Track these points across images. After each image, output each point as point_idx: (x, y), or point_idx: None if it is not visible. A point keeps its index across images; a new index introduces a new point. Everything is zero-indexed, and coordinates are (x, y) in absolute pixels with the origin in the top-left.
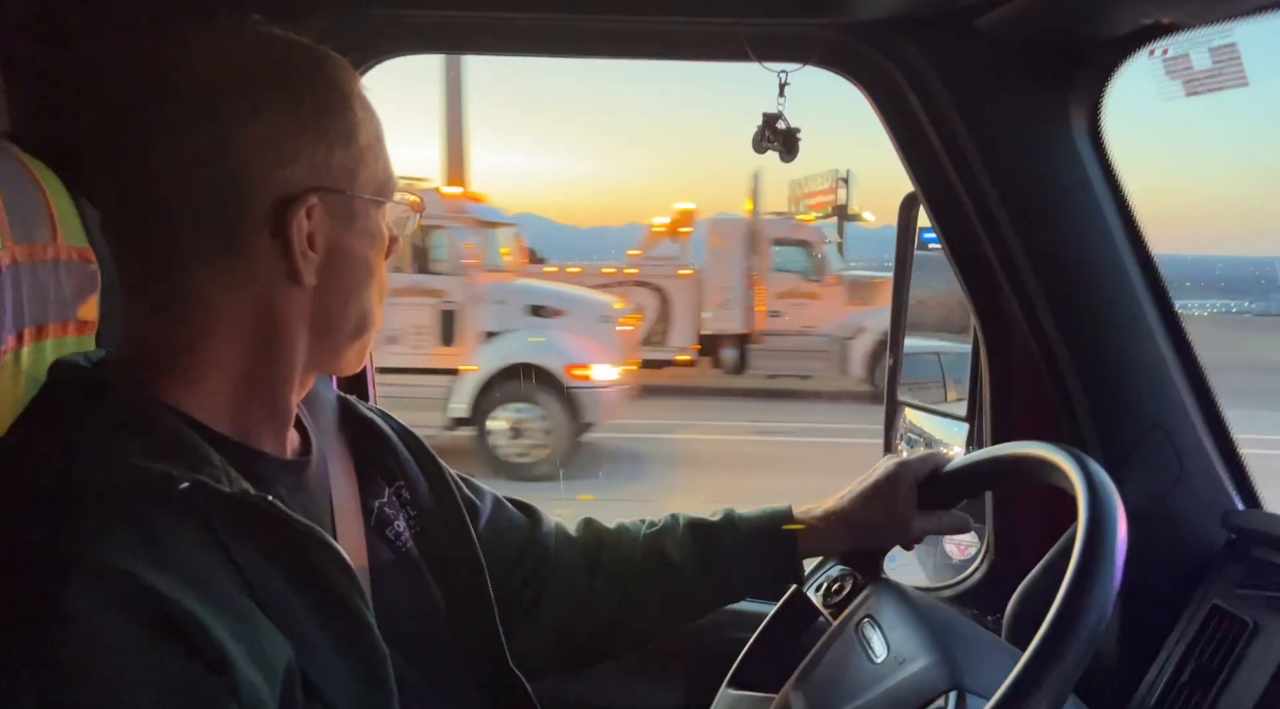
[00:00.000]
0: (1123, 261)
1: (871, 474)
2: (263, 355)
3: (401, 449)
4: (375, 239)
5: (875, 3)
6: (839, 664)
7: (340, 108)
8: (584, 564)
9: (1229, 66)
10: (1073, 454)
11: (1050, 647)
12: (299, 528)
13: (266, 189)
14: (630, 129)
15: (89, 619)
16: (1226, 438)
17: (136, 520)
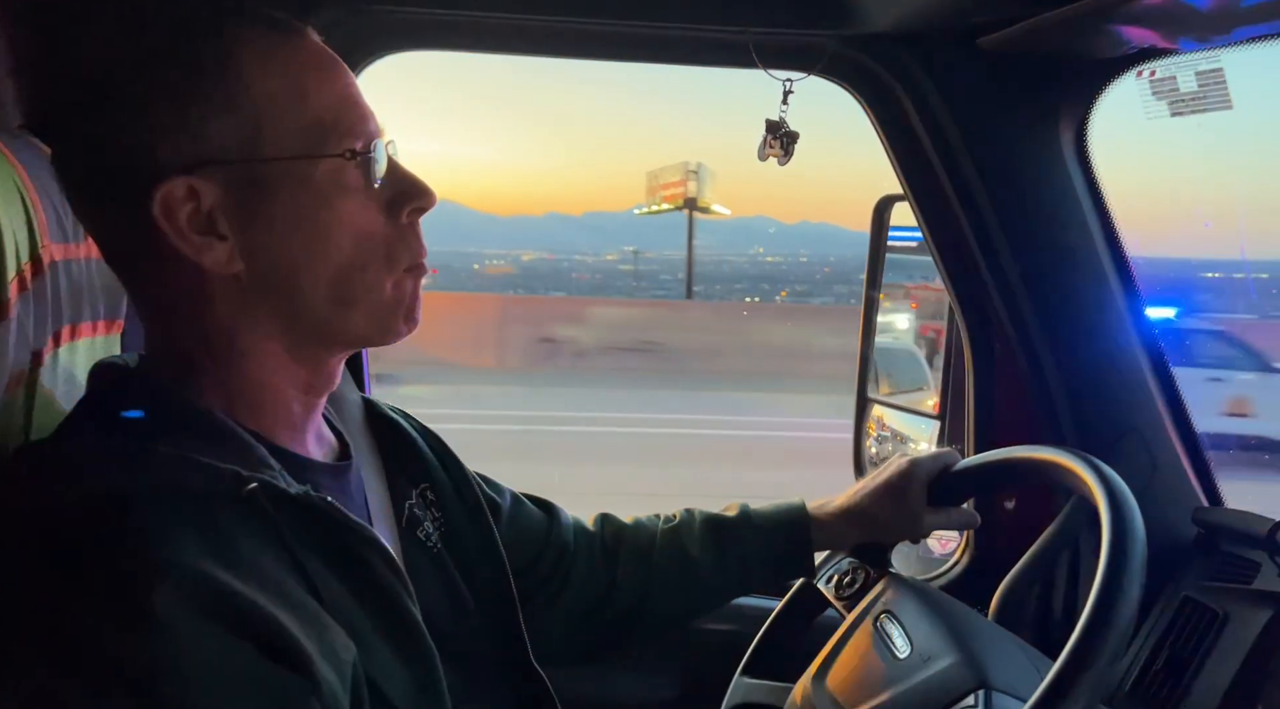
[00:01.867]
0: (1103, 270)
1: (885, 470)
2: (235, 352)
3: (426, 450)
4: (329, 199)
5: (881, 17)
6: (860, 658)
7: (217, 72)
8: (603, 558)
9: (1214, 90)
10: (1090, 462)
11: (1084, 650)
12: (355, 529)
13: (135, 174)
14: (556, 122)
15: (178, 623)
16: (1193, 438)
17: (210, 522)
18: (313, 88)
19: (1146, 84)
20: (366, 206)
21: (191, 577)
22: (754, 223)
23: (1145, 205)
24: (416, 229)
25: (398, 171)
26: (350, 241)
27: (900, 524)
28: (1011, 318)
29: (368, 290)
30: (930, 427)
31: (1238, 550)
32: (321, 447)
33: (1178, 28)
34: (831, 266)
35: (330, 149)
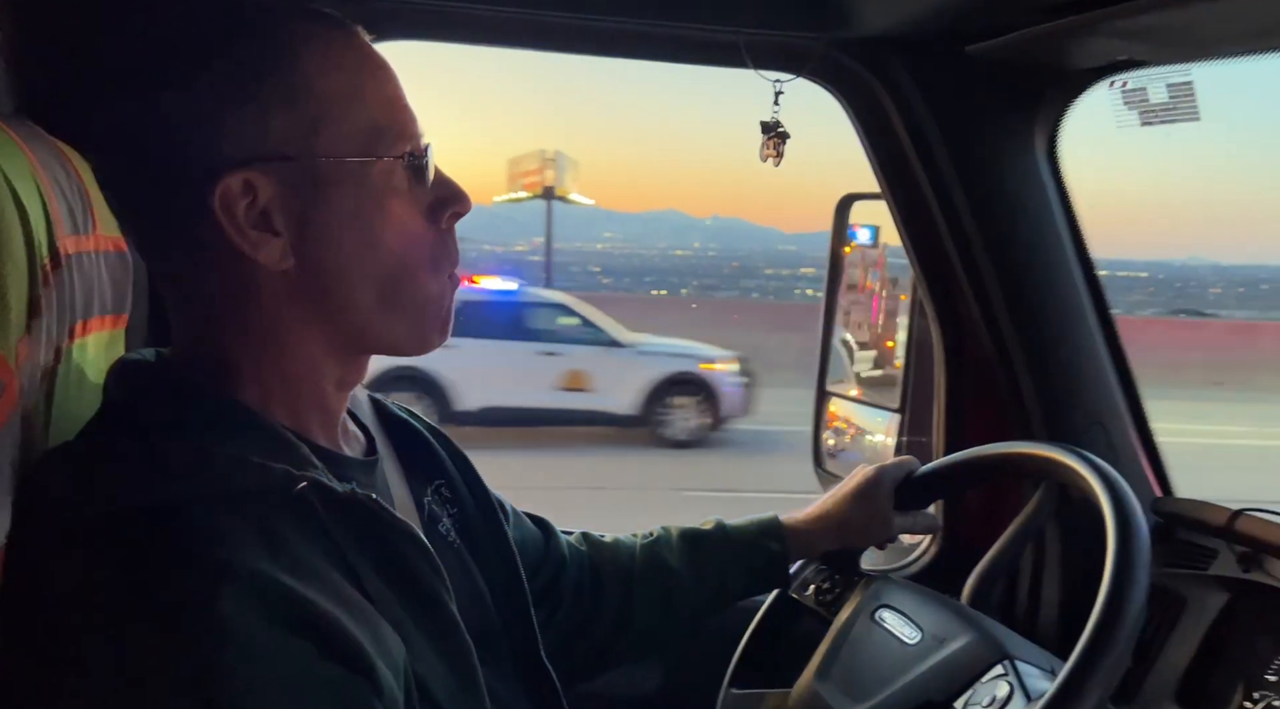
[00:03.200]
0: (1070, 270)
1: (853, 478)
2: (275, 348)
3: (437, 447)
4: (382, 201)
5: (871, 22)
6: (867, 651)
7: (278, 68)
8: (590, 576)
9: (1183, 102)
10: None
11: (1103, 635)
12: (399, 526)
13: (195, 168)
14: (469, 103)
15: (244, 627)
16: (1148, 432)
17: (263, 521)
18: (369, 88)
19: (1119, 94)
20: (412, 209)
21: (255, 580)
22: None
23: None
24: (454, 234)
25: (440, 176)
26: (399, 243)
27: (871, 528)
28: (984, 315)
29: (413, 295)
30: (889, 419)
31: (1195, 538)
32: (349, 443)
33: (1157, 44)
34: (740, 261)
35: (385, 151)
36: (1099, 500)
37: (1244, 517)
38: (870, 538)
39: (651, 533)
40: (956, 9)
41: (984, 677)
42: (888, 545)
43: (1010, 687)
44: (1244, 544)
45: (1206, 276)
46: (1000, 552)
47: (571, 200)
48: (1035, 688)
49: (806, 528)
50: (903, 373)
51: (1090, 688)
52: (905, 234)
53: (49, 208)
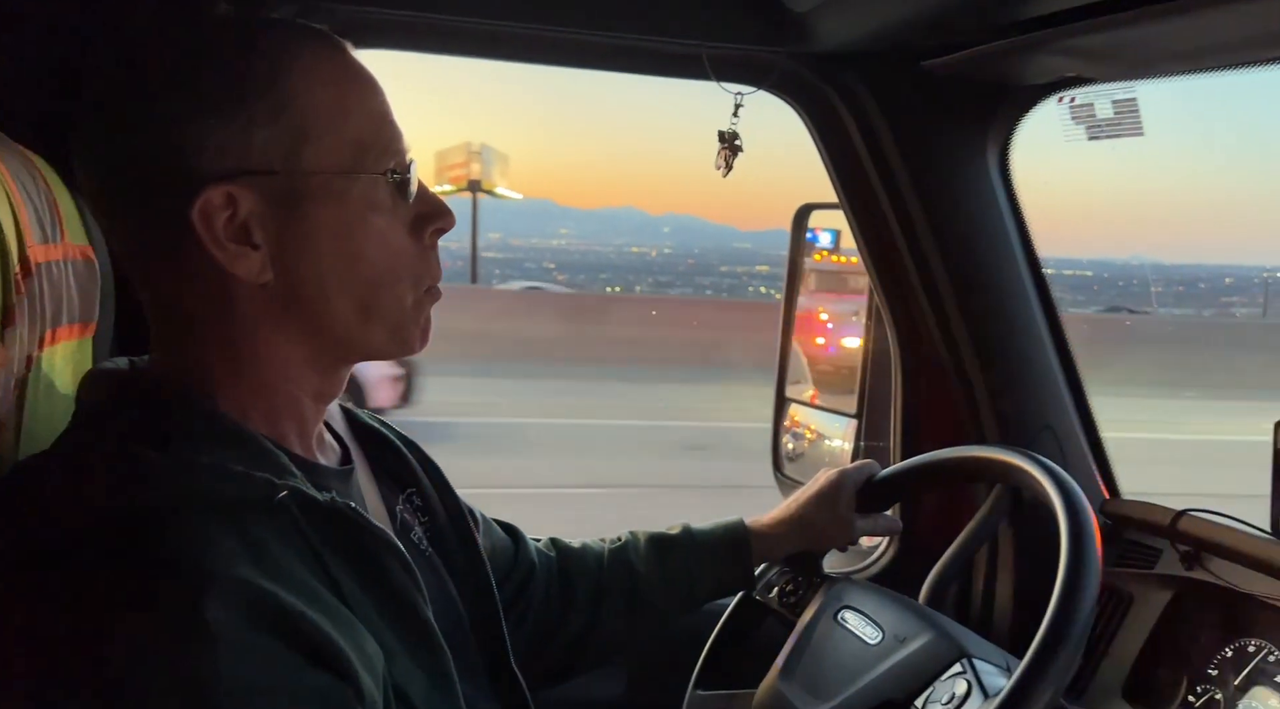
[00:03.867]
0: (1021, 276)
1: (815, 482)
2: (253, 360)
3: (408, 456)
4: (364, 216)
5: (832, 37)
6: (830, 651)
7: (263, 82)
8: (558, 581)
9: (1128, 117)
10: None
11: (1057, 633)
12: (377, 535)
13: (177, 181)
14: (418, 95)
15: (228, 633)
16: (1096, 435)
17: (245, 530)
18: (354, 104)
19: (1067, 109)
20: (394, 225)
21: (240, 587)
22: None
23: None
24: (436, 250)
25: (423, 192)
26: (381, 258)
27: (833, 531)
28: (938, 322)
29: (393, 307)
30: (847, 424)
31: (1141, 538)
32: (325, 452)
33: (1104, 62)
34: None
35: (369, 166)
36: (1052, 502)
37: (1186, 517)
38: (833, 540)
39: (619, 538)
40: (913, 26)
41: (943, 675)
42: (849, 548)
43: (969, 684)
44: (1186, 543)
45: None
46: (956, 553)
47: (498, 194)
48: (992, 685)
49: (771, 531)
50: (860, 379)
51: (1044, 684)
52: (862, 243)
53: (18, 217)
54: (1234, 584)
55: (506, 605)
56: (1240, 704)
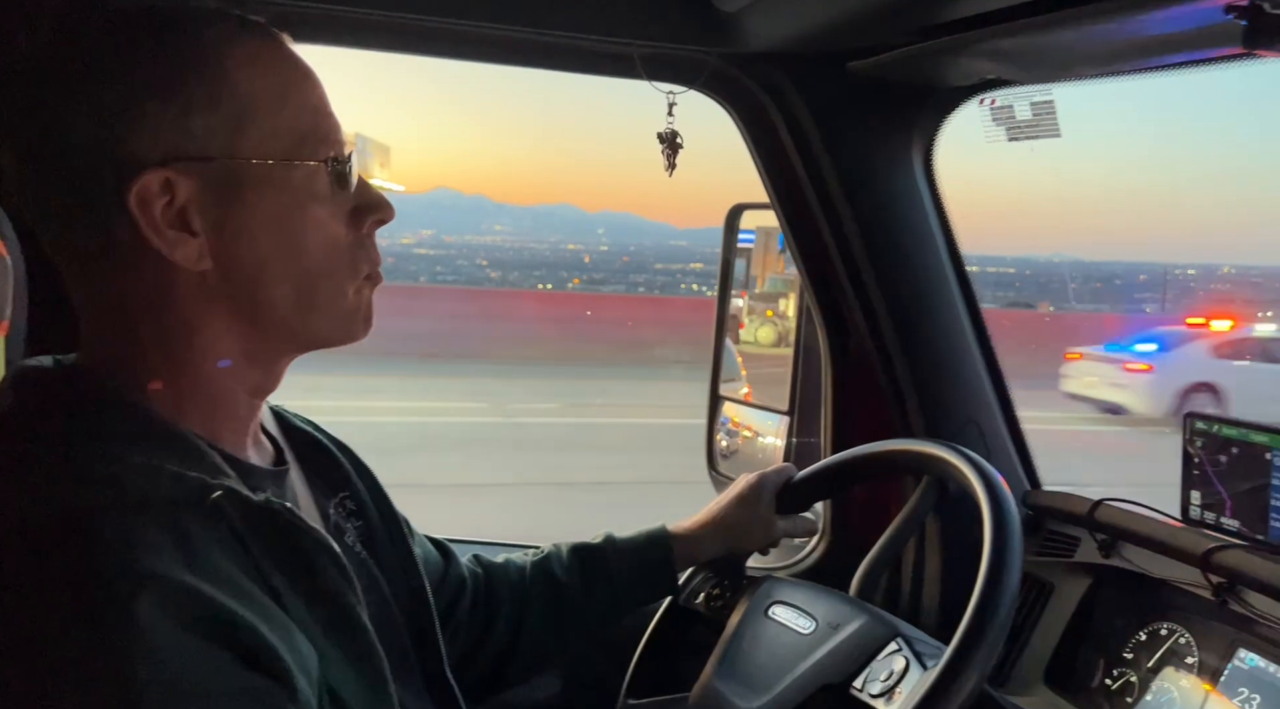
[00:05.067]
0: (945, 274)
1: (736, 486)
2: (190, 352)
3: (342, 459)
4: (303, 205)
5: (760, 38)
6: (764, 646)
7: (202, 70)
8: (484, 597)
9: (1046, 119)
10: (961, 452)
11: (986, 611)
12: (313, 536)
13: (109, 166)
14: (349, 91)
15: (161, 634)
16: (1018, 429)
17: (178, 530)
18: (294, 94)
19: (988, 111)
20: (333, 214)
21: (172, 587)
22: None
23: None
24: (374, 239)
25: (362, 184)
26: (319, 247)
27: (754, 532)
28: (866, 320)
29: (332, 296)
30: (779, 421)
31: (1061, 528)
32: (259, 452)
33: (1023, 64)
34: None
35: (307, 155)
36: (975, 493)
37: (1103, 506)
38: (754, 542)
39: (542, 549)
40: (838, 28)
41: (880, 654)
42: (770, 550)
43: (907, 660)
44: (1104, 532)
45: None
46: (884, 546)
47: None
48: (930, 659)
49: (692, 535)
50: (791, 376)
51: (972, 666)
52: (793, 242)
53: None
54: (1148, 570)
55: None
56: (1153, 685)
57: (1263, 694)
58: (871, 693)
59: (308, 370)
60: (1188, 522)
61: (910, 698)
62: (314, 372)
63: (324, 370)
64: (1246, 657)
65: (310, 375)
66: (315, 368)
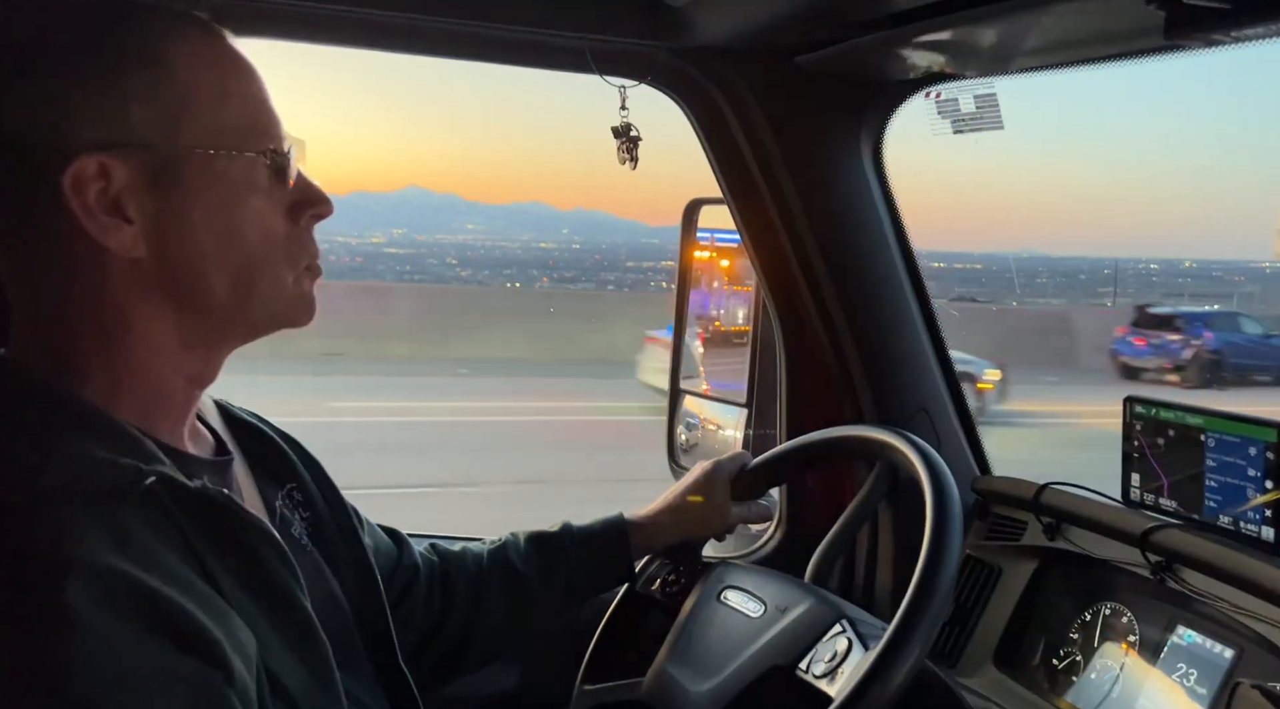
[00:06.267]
0: (895, 265)
1: (690, 475)
2: (124, 340)
3: (288, 451)
4: (241, 196)
5: (709, 33)
6: (714, 630)
7: (141, 56)
8: (440, 585)
9: (989, 112)
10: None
11: (925, 590)
12: (252, 523)
13: (44, 150)
14: (314, 93)
15: (92, 621)
16: (967, 416)
17: (111, 517)
18: (234, 86)
19: (933, 104)
20: (272, 207)
21: (102, 573)
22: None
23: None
24: (312, 232)
25: (301, 177)
26: (256, 239)
27: (709, 519)
28: (819, 311)
29: (270, 284)
30: (738, 413)
31: (1008, 512)
32: (198, 443)
33: (963, 58)
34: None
35: (246, 147)
36: (919, 476)
37: (1048, 490)
38: (709, 529)
39: (499, 538)
40: (784, 22)
41: (824, 636)
42: (726, 536)
43: (849, 641)
44: (1048, 515)
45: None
46: (838, 533)
47: None
48: (872, 640)
49: (649, 523)
50: (749, 369)
51: (914, 642)
52: (746, 236)
53: None
54: (1091, 551)
55: (392, 607)
56: (1095, 663)
57: (1199, 669)
58: (816, 673)
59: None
60: (1128, 503)
61: (852, 678)
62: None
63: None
64: (1185, 633)
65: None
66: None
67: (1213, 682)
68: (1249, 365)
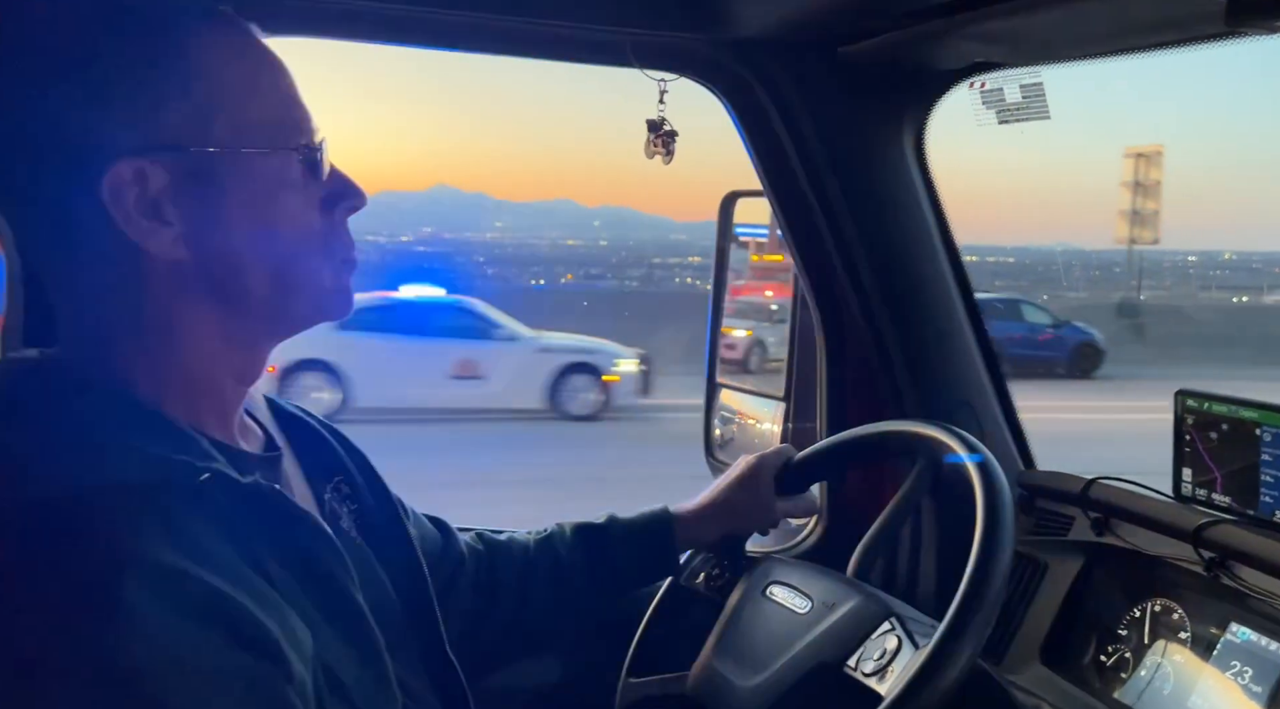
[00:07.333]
0: (938, 258)
1: (736, 468)
2: (170, 341)
3: (335, 445)
4: (275, 193)
5: (750, 24)
6: (761, 625)
7: (171, 59)
8: (485, 574)
9: (1035, 101)
10: (954, 432)
11: (977, 589)
12: (303, 518)
13: (84, 157)
14: (345, 94)
15: (150, 617)
16: (1011, 410)
17: (169, 514)
18: (265, 84)
19: (978, 94)
20: (306, 202)
21: (159, 570)
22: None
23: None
24: (347, 226)
25: (334, 171)
26: (293, 235)
27: (754, 514)
28: (860, 304)
29: (308, 280)
30: (776, 407)
31: (1054, 507)
32: (248, 439)
33: (1013, 47)
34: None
35: (279, 144)
36: (969, 473)
37: (1096, 484)
38: (754, 523)
39: (545, 529)
40: (829, 12)
41: (873, 634)
42: (770, 530)
43: (899, 639)
44: (1097, 510)
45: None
46: (880, 528)
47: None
48: (922, 638)
49: (694, 517)
50: (787, 362)
51: (965, 641)
52: (786, 229)
53: None
54: (1140, 547)
55: (437, 597)
56: (1146, 661)
57: (1255, 667)
58: (865, 671)
59: None
60: (1179, 498)
61: (902, 676)
62: None
63: None
64: (1239, 630)
65: None
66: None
67: (1269, 679)
68: (1027, 356)
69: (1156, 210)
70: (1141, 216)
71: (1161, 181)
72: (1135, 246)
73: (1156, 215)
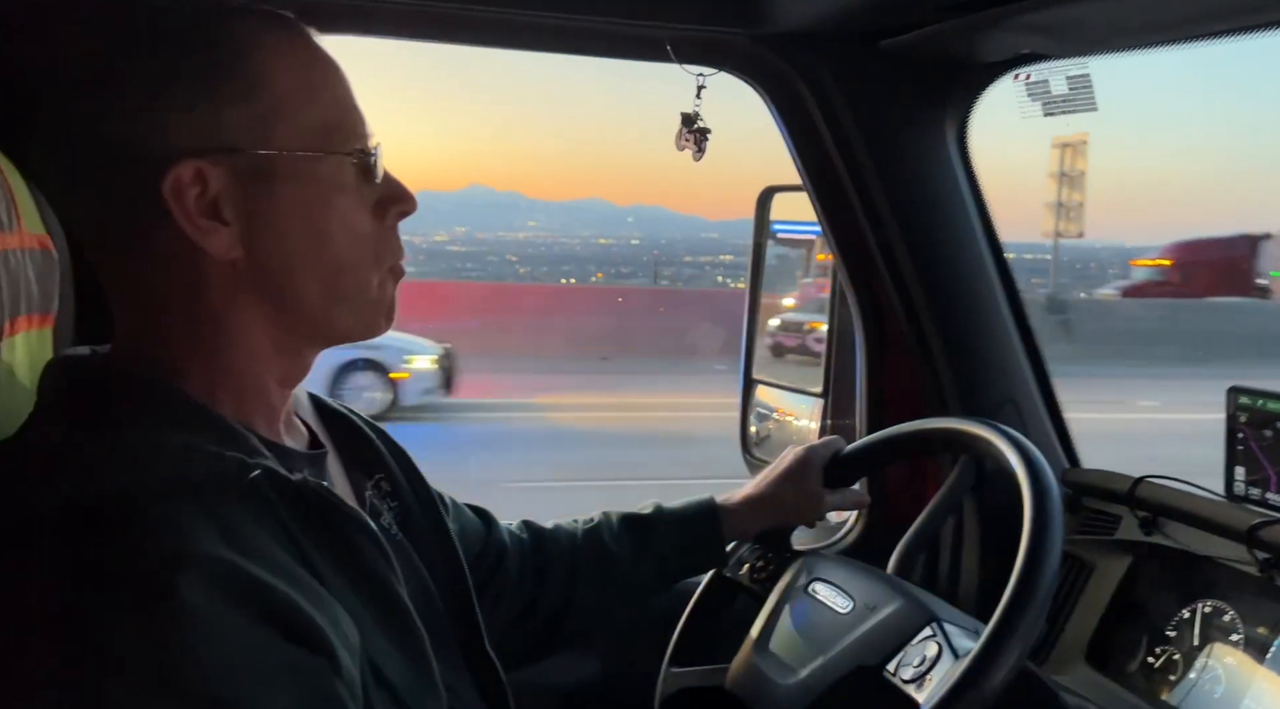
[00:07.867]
0: (981, 254)
1: (783, 460)
2: (221, 340)
3: (377, 443)
4: (330, 196)
5: (790, 18)
6: (802, 622)
7: (232, 62)
8: (531, 561)
9: (1082, 93)
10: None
11: (1023, 596)
12: (351, 515)
13: (147, 158)
14: (380, 95)
15: (205, 612)
16: (1056, 407)
17: (221, 511)
18: (321, 86)
19: (1022, 87)
20: (359, 206)
21: (213, 565)
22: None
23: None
24: (398, 231)
25: (388, 176)
26: (345, 238)
27: (801, 507)
28: (902, 300)
29: (357, 288)
30: (813, 404)
31: (1101, 506)
32: (294, 437)
33: (1060, 39)
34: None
35: (334, 147)
36: (1015, 471)
37: (1144, 483)
38: (801, 516)
39: (592, 518)
40: (870, 6)
41: (914, 639)
42: (817, 523)
43: (939, 646)
44: (1145, 509)
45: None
46: (923, 525)
47: None
48: (961, 646)
49: (741, 509)
50: (825, 358)
51: (1011, 645)
52: (826, 225)
53: None
54: (1191, 547)
55: (480, 587)
56: (1197, 663)
57: None
58: (904, 678)
59: None
60: (1232, 498)
61: (940, 685)
62: None
63: None
64: None
65: None
66: None
67: None
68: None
69: (1082, 202)
70: (1066, 209)
71: (1086, 172)
72: (1061, 240)
73: (1081, 207)
